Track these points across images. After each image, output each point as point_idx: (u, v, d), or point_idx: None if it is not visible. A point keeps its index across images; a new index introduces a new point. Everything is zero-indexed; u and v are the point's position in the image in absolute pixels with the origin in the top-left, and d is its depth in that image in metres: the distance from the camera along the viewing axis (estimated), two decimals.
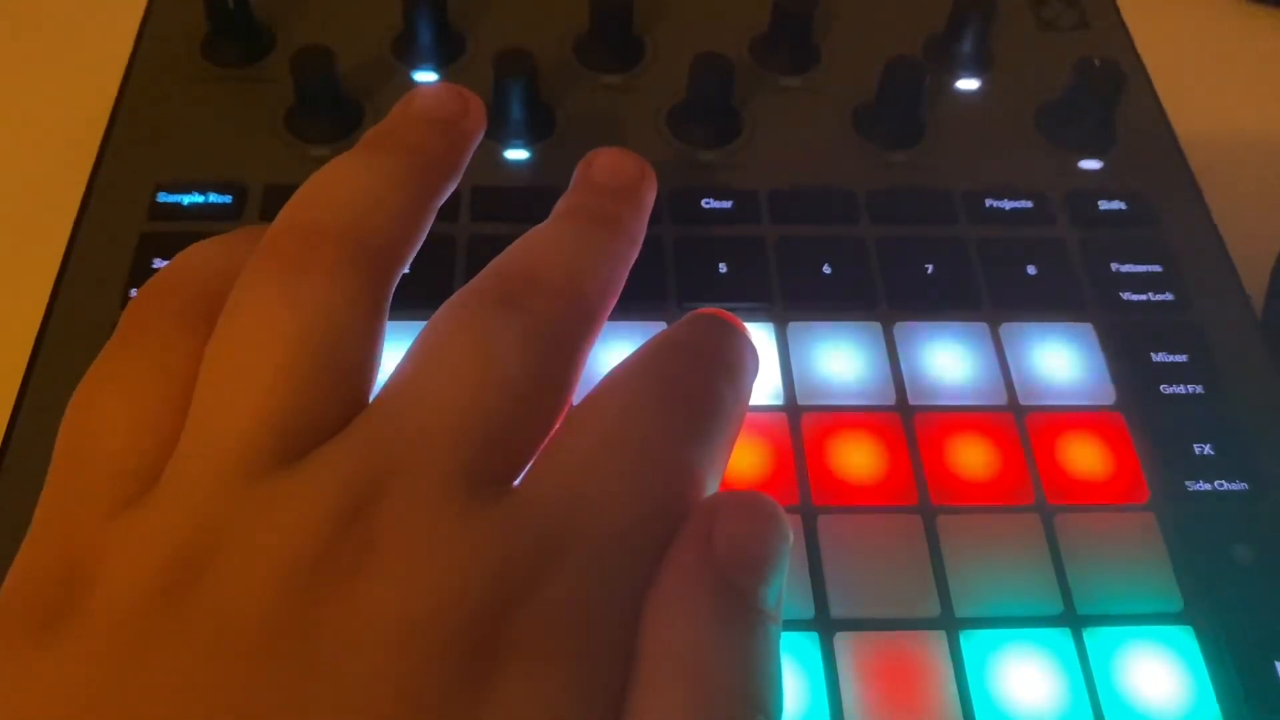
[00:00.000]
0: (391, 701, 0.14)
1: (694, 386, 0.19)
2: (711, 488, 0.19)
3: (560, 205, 0.22)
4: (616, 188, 0.23)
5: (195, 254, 0.21)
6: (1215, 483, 0.26)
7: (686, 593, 0.17)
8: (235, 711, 0.14)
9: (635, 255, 0.22)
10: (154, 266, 0.29)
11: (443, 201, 0.21)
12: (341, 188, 0.20)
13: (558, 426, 0.19)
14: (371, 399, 0.18)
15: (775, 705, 0.16)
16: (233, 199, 0.30)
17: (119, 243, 0.29)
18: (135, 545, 0.16)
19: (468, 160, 0.23)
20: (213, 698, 0.14)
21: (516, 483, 0.18)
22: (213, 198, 0.30)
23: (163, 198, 0.30)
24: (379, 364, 0.19)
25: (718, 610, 0.17)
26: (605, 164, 0.23)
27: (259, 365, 0.17)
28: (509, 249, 0.21)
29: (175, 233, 0.29)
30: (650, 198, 0.23)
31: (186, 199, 0.30)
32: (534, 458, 0.18)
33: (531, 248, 0.20)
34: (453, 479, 0.16)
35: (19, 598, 0.16)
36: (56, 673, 0.15)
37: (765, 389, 0.27)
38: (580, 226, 0.21)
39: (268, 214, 0.30)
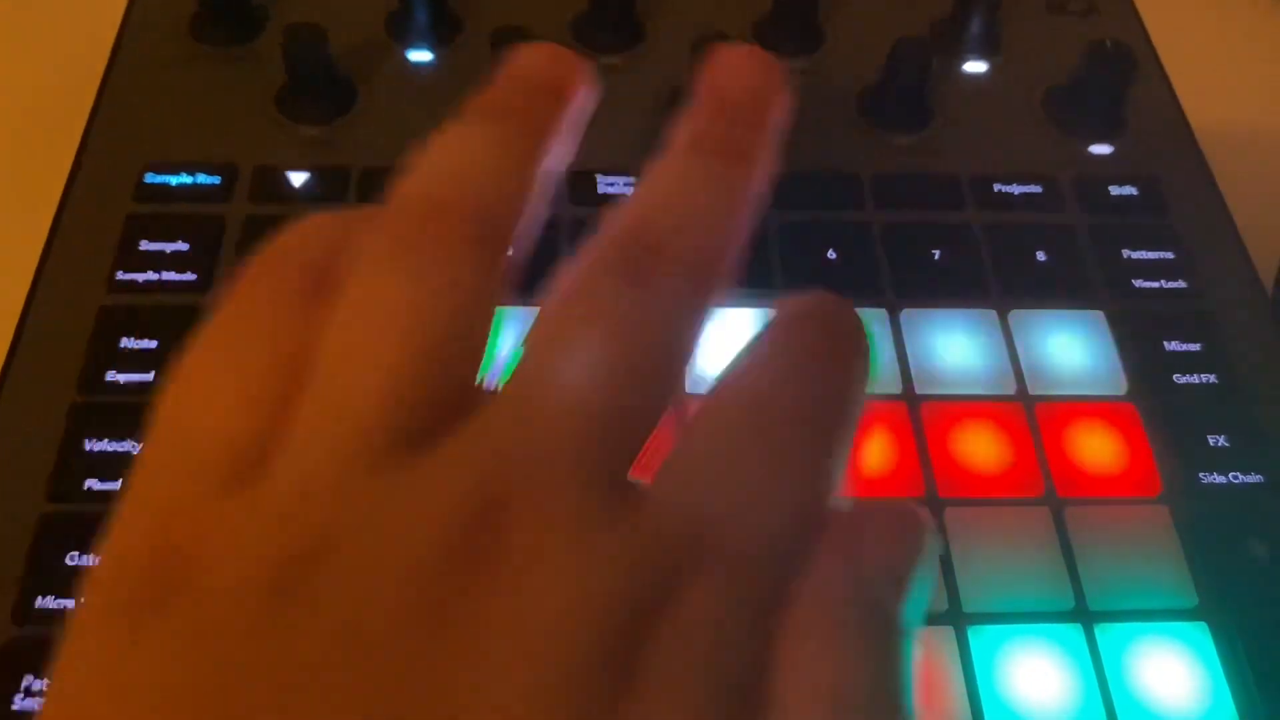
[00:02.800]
0: (523, 708, 0.14)
1: (821, 379, 0.18)
2: (840, 488, 0.18)
3: (683, 133, 0.20)
4: (747, 105, 0.20)
5: (305, 226, 0.19)
6: (1229, 475, 0.26)
7: (825, 609, 0.16)
8: (356, 705, 0.14)
9: (763, 192, 0.20)
10: (141, 248, 0.28)
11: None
12: (455, 160, 0.19)
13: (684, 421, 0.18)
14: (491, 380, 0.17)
15: None
16: (222, 180, 0.29)
17: (105, 224, 0.28)
18: (249, 529, 0.15)
19: (578, 126, 0.21)
20: (332, 689, 0.14)
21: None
22: (202, 178, 0.29)
23: (150, 178, 0.29)
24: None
25: (866, 634, 0.16)
26: (728, 72, 0.21)
27: (382, 345, 0.16)
28: (632, 201, 0.19)
29: (163, 214, 0.29)
30: (783, 112, 0.21)
31: (175, 180, 0.29)
32: (661, 454, 0.17)
33: (655, 201, 0.19)
34: (584, 478, 0.16)
35: (114, 577, 0.15)
36: (158, 656, 0.14)
37: None
38: (707, 168, 0.19)
39: (258, 195, 0.29)
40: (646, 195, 0.19)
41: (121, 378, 0.25)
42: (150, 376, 0.25)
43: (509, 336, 0.18)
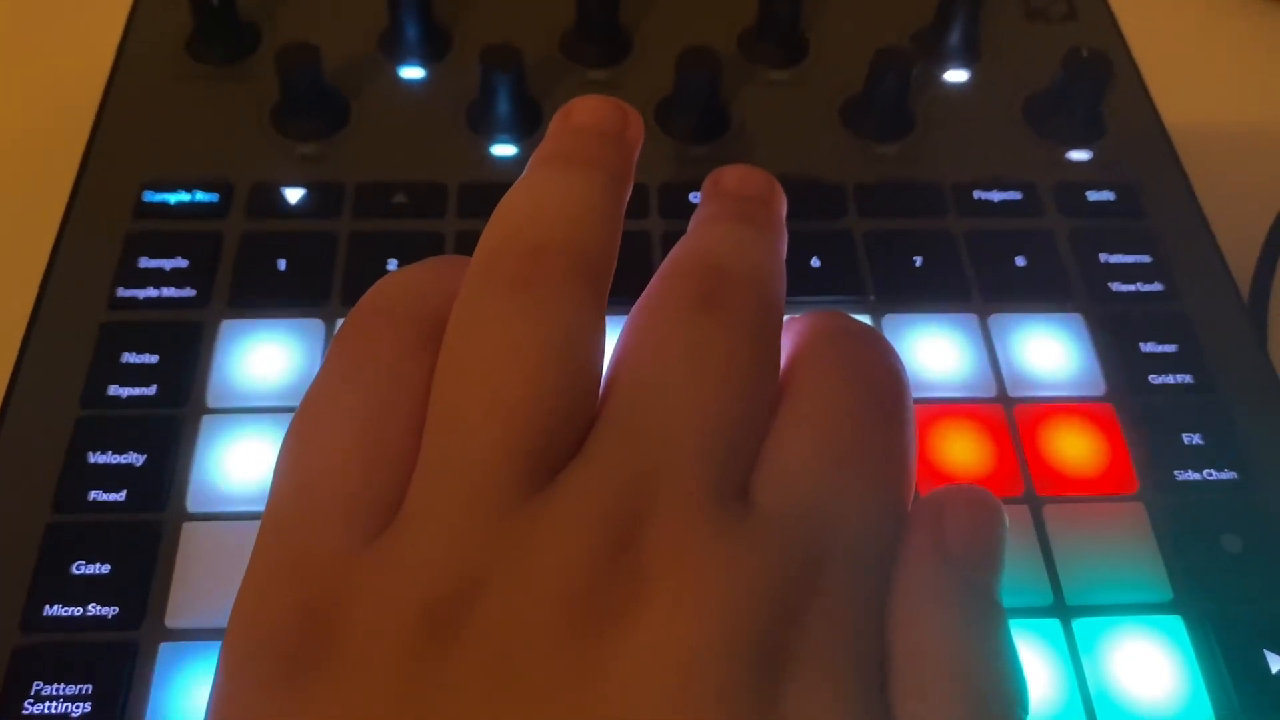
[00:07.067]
0: (681, 707, 0.14)
1: (879, 373, 0.19)
2: (914, 478, 0.19)
3: (700, 214, 0.22)
4: (748, 195, 0.22)
5: (399, 277, 0.20)
6: (1204, 472, 0.26)
7: (931, 593, 0.17)
8: None
9: (785, 250, 0.22)
10: (141, 265, 0.28)
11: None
12: (548, 204, 0.20)
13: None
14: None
15: (1028, 700, 0.17)
16: (220, 197, 0.30)
17: (105, 242, 0.29)
18: (388, 585, 0.15)
19: (634, 169, 0.23)
20: (495, 716, 0.14)
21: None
22: (199, 196, 0.30)
23: (149, 197, 0.30)
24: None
25: (965, 609, 0.17)
26: (734, 177, 0.23)
27: (502, 384, 0.17)
28: (677, 251, 0.20)
29: (162, 231, 0.29)
30: (782, 205, 0.23)
31: (173, 197, 0.30)
32: (759, 462, 0.18)
33: (699, 246, 0.20)
34: (705, 494, 0.16)
35: (257, 643, 0.16)
36: (324, 715, 0.14)
37: None
38: (732, 226, 0.21)
39: (254, 212, 0.30)
40: (686, 244, 0.21)
41: (123, 392, 0.26)
42: (152, 390, 0.26)
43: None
